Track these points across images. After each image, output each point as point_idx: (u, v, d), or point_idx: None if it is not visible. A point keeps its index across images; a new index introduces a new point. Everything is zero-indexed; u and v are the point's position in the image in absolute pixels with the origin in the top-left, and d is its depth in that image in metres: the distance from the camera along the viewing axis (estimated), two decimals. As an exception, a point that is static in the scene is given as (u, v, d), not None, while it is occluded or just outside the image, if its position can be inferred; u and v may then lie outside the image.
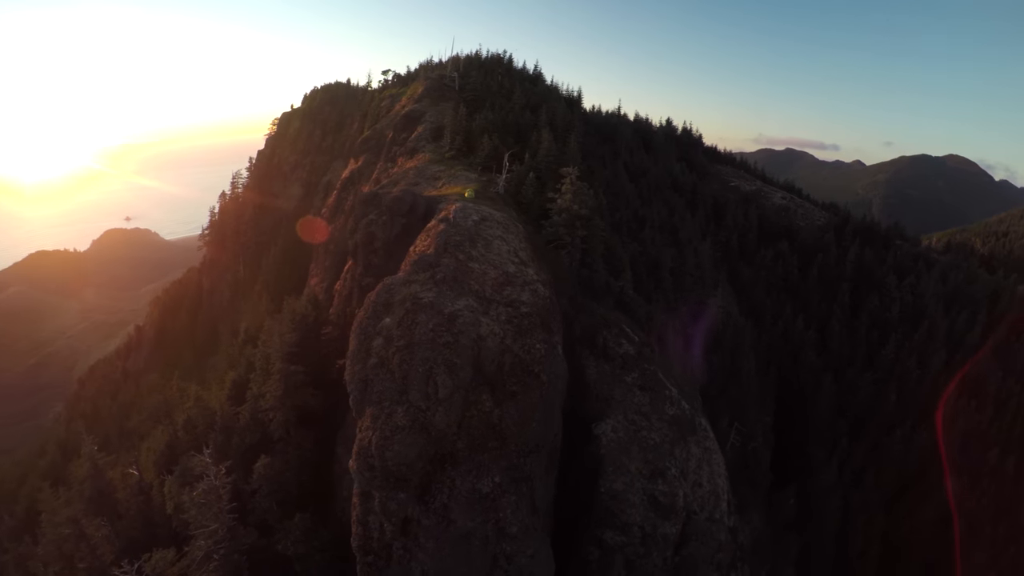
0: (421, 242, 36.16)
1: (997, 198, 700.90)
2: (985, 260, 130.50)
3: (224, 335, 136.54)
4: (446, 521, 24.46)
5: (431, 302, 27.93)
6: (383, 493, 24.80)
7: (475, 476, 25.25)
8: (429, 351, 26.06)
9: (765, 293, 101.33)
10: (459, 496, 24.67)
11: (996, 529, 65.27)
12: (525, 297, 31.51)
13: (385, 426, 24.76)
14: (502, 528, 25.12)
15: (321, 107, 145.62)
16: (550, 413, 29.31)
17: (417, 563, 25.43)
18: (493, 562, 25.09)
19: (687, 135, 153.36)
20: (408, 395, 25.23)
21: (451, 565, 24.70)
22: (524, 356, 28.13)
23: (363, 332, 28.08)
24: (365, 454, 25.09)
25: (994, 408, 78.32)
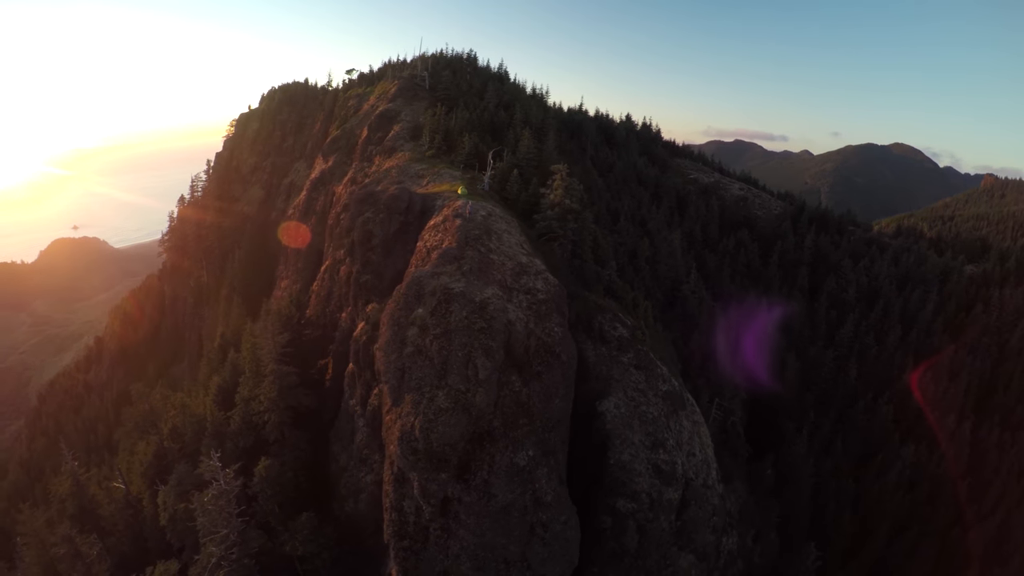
0: (431, 236, 37.51)
1: (942, 184, 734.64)
2: (934, 243, 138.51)
3: (190, 342, 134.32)
4: (487, 496, 26.07)
5: (462, 291, 29.43)
6: (424, 475, 26.17)
7: (512, 451, 26.99)
8: (466, 336, 27.58)
9: (730, 279, 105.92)
10: (499, 471, 26.35)
11: (958, 488, 70.53)
12: (539, 285, 33.41)
13: (428, 410, 26.15)
14: (538, 498, 26.96)
15: (280, 108, 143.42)
16: (568, 390, 31.28)
17: (456, 541, 26.95)
18: (531, 531, 26.91)
19: (646, 130, 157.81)
20: (448, 379, 26.71)
21: (491, 539, 26.38)
22: (546, 339, 30.00)
23: (396, 323, 29.29)
24: (408, 438, 26.38)
25: (947, 379, 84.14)
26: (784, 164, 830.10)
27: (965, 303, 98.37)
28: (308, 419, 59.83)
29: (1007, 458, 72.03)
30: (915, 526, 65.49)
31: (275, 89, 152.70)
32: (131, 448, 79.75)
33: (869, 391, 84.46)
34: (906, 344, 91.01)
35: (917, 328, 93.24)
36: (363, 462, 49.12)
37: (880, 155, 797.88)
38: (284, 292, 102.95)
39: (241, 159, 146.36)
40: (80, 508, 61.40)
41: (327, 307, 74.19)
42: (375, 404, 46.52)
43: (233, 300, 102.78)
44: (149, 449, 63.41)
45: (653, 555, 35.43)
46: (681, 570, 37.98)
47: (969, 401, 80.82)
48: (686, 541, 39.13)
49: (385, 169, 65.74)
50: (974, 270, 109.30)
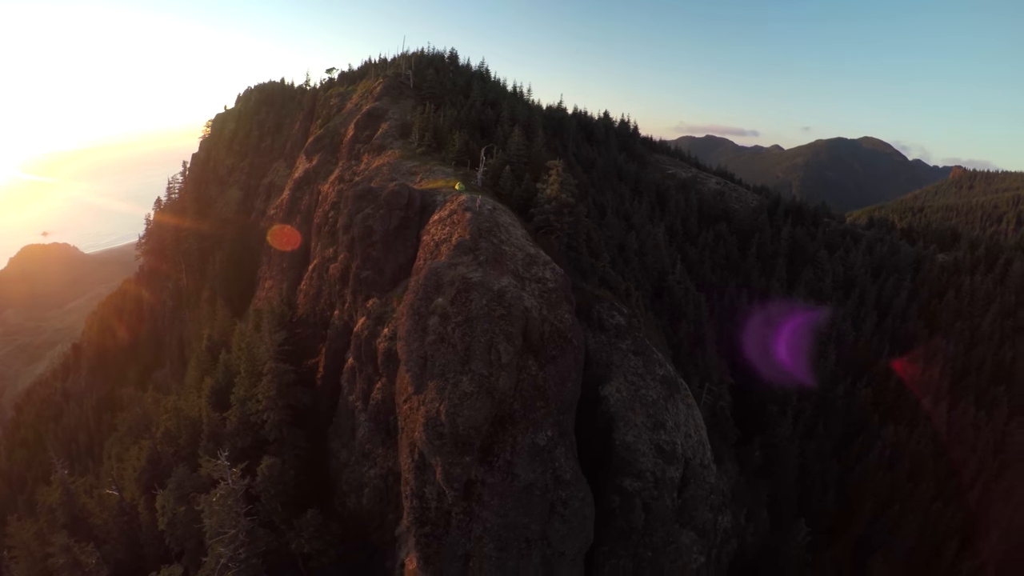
0: (438, 230, 38.26)
1: (911, 177, 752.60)
2: (906, 233, 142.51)
3: (171, 346, 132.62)
4: (510, 476, 27.08)
5: (480, 280, 30.34)
6: (448, 459, 27.05)
7: (532, 432, 28.07)
8: (487, 323, 28.55)
9: (710, 271, 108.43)
10: (521, 451, 27.41)
11: (938, 464, 73.55)
12: (548, 274, 34.58)
13: (453, 394, 27.06)
14: (558, 476, 28.10)
15: (257, 108, 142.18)
16: (579, 374, 32.48)
17: (479, 523, 27.86)
18: (551, 509, 28.05)
19: (624, 127, 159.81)
20: (471, 364, 27.64)
21: (513, 519, 27.42)
22: (558, 324, 31.16)
23: (416, 312, 30.02)
24: (434, 423, 27.22)
25: (923, 361, 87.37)
26: (755, 159, 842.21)
27: (938, 290, 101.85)
28: (308, 417, 60.21)
29: (983, 436, 75.05)
30: (898, 502, 68.01)
31: (252, 89, 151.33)
32: (119, 455, 78.94)
33: (848, 375, 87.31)
34: (882, 330, 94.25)
35: (892, 315, 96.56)
36: (366, 456, 49.61)
37: (850, 149, 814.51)
38: (269, 292, 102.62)
39: (218, 160, 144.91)
40: (72, 517, 60.50)
41: (316, 306, 74.38)
42: (378, 398, 47.23)
43: (216, 302, 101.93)
44: (142, 454, 62.60)
45: (659, 532, 36.84)
46: (683, 547, 39.48)
47: (944, 383, 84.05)
48: (687, 519, 40.66)
49: (376, 167, 66.21)
50: (945, 258, 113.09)
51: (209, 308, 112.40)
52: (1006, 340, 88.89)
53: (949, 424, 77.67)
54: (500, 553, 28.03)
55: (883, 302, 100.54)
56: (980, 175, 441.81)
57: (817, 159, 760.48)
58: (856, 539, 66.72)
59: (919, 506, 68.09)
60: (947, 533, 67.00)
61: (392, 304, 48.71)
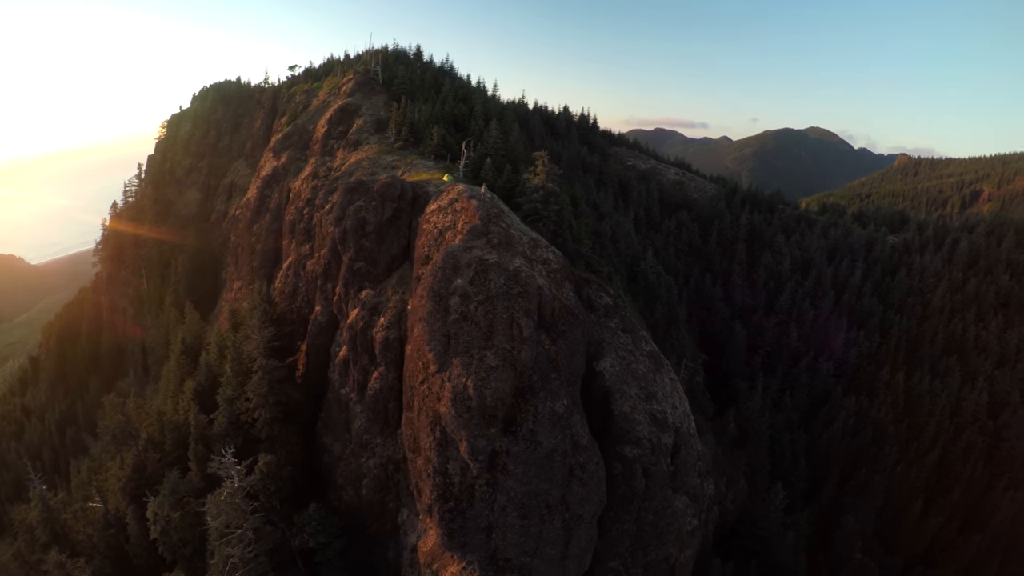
0: (439, 218, 39.35)
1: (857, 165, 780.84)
2: (857, 217, 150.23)
3: (134, 355, 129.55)
4: (534, 444, 28.75)
5: (496, 262, 31.87)
6: (474, 432, 28.48)
7: (551, 401, 29.84)
8: (507, 301, 30.08)
9: (675, 257, 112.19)
10: (543, 419, 29.13)
11: (899, 430, 78.57)
12: (551, 256, 36.42)
13: (479, 368, 28.56)
14: (576, 441, 29.93)
15: (214, 107, 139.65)
16: (584, 347, 34.30)
17: (503, 493, 29.38)
18: (570, 473, 29.87)
19: (584, 121, 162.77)
20: (494, 340, 29.15)
21: (536, 486, 29.15)
22: (565, 302, 33.02)
23: (436, 294, 31.21)
24: (461, 397, 28.60)
25: (879, 336, 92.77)
26: (704, 150, 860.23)
27: (890, 269, 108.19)
28: (299, 413, 60.34)
29: (939, 401, 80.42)
30: (864, 466, 72.62)
31: (208, 88, 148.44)
32: (96, 467, 77.11)
33: (810, 351, 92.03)
34: (840, 307, 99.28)
35: (848, 293, 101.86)
36: (364, 447, 50.31)
37: (797, 139, 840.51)
38: (238, 294, 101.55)
39: (175, 162, 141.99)
40: (53, 535, 59.12)
41: (293, 304, 74.26)
42: (376, 387, 48.05)
43: (186, 306, 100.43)
44: (126, 463, 61.44)
45: (657, 496, 39.07)
46: (678, 510, 41.84)
47: (900, 355, 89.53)
48: (679, 484, 43.05)
49: (355, 161, 66.75)
50: (895, 240, 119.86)
51: (176, 312, 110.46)
52: (956, 313, 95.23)
53: (907, 392, 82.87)
54: (523, 521, 29.67)
55: (839, 281, 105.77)
56: (925, 162, 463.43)
57: (765, 149, 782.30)
58: (828, 501, 71.02)
59: (884, 469, 72.86)
60: (912, 492, 71.91)
61: (387, 294, 49.59)
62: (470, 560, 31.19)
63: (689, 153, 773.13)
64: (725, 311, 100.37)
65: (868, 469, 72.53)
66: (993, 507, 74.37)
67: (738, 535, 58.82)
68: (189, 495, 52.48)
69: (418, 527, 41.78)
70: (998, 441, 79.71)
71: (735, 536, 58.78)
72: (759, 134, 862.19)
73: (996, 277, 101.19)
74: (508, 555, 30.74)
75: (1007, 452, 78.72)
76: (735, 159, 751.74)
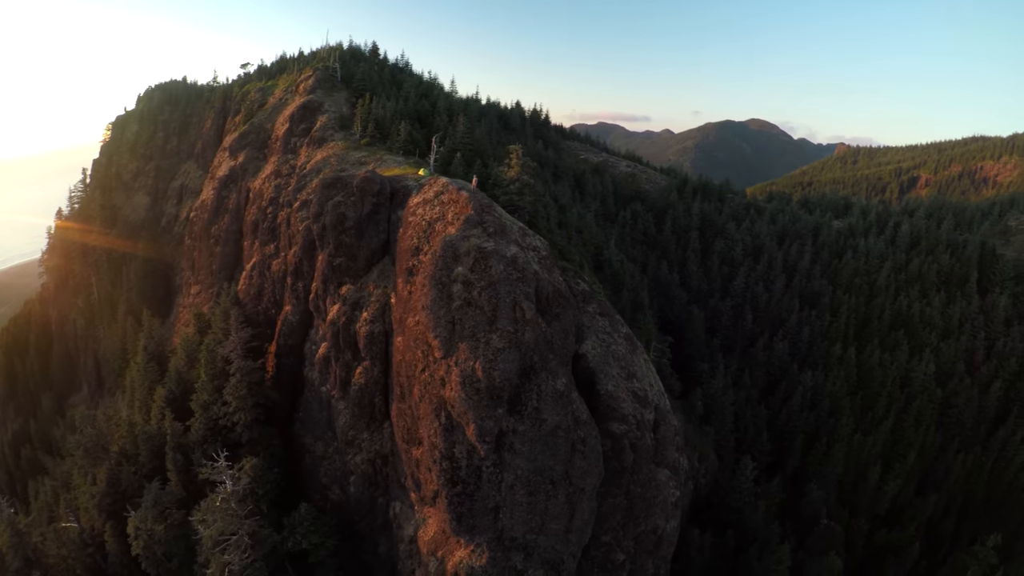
0: (426, 211, 39.86)
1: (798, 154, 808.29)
2: (803, 204, 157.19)
3: (87, 367, 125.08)
4: (539, 422, 30.03)
5: (495, 249, 32.88)
6: (482, 413, 29.56)
7: (552, 379, 31.18)
8: (508, 286, 31.21)
9: (632, 246, 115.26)
10: (546, 397, 30.46)
11: (853, 401, 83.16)
12: (539, 243, 37.77)
13: (486, 351, 29.64)
14: (577, 417, 31.38)
15: (160, 107, 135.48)
16: (574, 329, 35.71)
17: (510, 472, 30.54)
18: (572, 448, 31.32)
19: (536, 116, 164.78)
20: (498, 323, 30.24)
21: (542, 462, 30.44)
22: (558, 286, 34.44)
23: (438, 283, 32.01)
24: (470, 380, 29.63)
25: (830, 314, 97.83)
26: (647, 143, 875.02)
27: (837, 252, 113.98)
28: (278, 414, 59.87)
29: (889, 373, 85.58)
30: (823, 437, 76.81)
31: (153, 88, 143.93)
32: (61, 487, 74.07)
33: (765, 331, 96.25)
34: (791, 289, 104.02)
35: (799, 275, 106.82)
36: (349, 444, 50.49)
37: (738, 130, 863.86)
38: (197, 298, 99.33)
39: (121, 165, 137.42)
40: (25, 560, 56.98)
41: (259, 305, 73.38)
42: (361, 382, 48.44)
43: (144, 313, 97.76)
44: (100, 478, 59.70)
45: (643, 470, 40.93)
46: (661, 483, 43.84)
47: (850, 331, 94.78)
48: (661, 458, 45.08)
49: (322, 158, 66.48)
50: (841, 224, 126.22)
51: (132, 320, 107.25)
52: (901, 291, 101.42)
53: (859, 366, 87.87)
54: (530, 498, 30.97)
55: (789, 265, 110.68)
56: (863, 151, 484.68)
57: (707, 141, 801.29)
58: (792, 472, 74.88)
59: (842, 438, 77.19)
60: (870, 459, 76.36)
61: (368, 288, 49.85)
62: (478, 542, 32.31)
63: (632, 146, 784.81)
64: (683, 296, 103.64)
65: (827, 439, 76.76)
66: (947, 469, 79.87)
67: (712, 507, 61.66)
68: (172, 506, 51.39)
69: (415, 518, 42.56)
70: (947, 408, 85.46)
71: (709, 508, 61.59)
72: (701, 126, 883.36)
73: (937, 256, 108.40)
74: (515, 534, 31.99)
75: (956, 418, 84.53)
76: (677, 151, 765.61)
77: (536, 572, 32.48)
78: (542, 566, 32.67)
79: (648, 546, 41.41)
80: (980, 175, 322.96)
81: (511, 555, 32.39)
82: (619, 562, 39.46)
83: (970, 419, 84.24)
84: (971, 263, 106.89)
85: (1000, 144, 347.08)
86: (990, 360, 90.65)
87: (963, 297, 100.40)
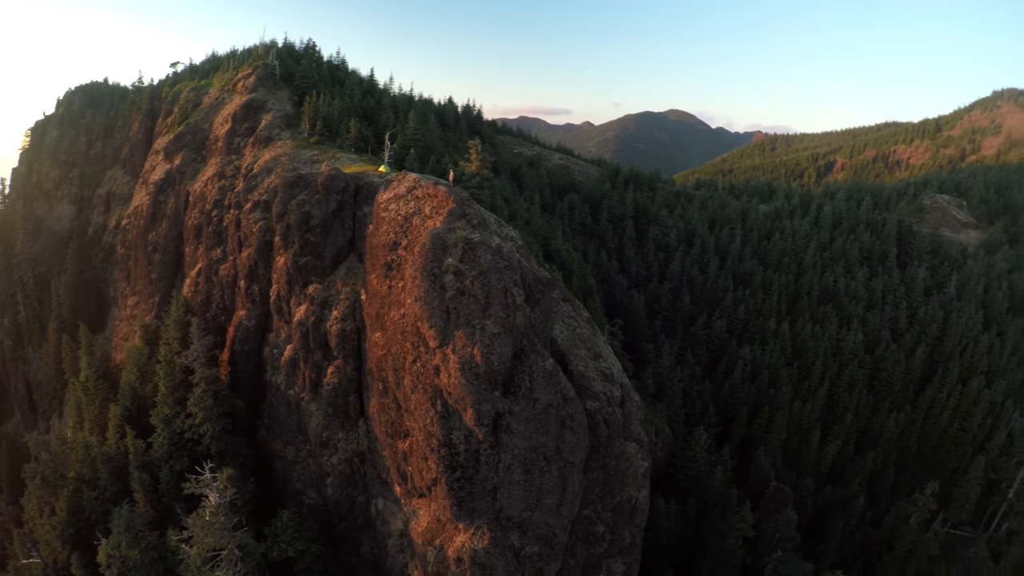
0: (401, 206, 40.23)
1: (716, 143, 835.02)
2: (729, 190, 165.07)
3: (17, 392, 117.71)
4: (532, 401, 31.71)
5: (481, 240, 34.12)
6: (479, 396, 30.98)
7: (541, 360, 32.96)
8: (497, 274, 32.56)
9: (572, 236, 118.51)
10: (538, 377, 32.20)
11: (790, 372, 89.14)
12: (514, 234, 39.52)
13: (483, 337, 31.01)
14: (565, 394, 33.37)
15: (82, 111, 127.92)
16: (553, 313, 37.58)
17: (507, 453, 32.11)
18: (562, 424, 33.28)
19: (468, 111, 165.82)
20: (490, 310, 31.58)
21: (536, 440, 32.18)
22: (537, 273, 36.19)
23: (430, 274, 32.94)
24: (469, 365, 30.91)
25: (763, 292, 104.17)
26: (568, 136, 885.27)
27: (765, 234, 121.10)
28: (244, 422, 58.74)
29: (821, 344, 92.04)
30: (766, 406, 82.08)
31: (74, 91, 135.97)
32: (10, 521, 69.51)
33: (703, 311, 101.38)
34: (725, 271, 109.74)
35: (731, 257, 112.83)
36: (324, 446, 50.58)
37: (657, 121, 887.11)
38: (135, 309, 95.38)
39: (42, 173, 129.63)
40: None
41: (207, 312, 71.57)
42: (334, 382, 48.57)
43: (81, 329, 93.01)
44: (59, 507, 57.19)
45: (616, 444, 43.42)
46: (630, 455, 46.48)
47: (782, 308, 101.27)
48: (628, 432, 47.74)
49: (271, 158, 65.56)
50: (767, 208, 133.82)
51: (67, 338, 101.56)
52: (826, 268, 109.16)
53: (793, 339, 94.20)
54: (526, 476, 32.67)
55: (721, 248, 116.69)
56: (781, 138, 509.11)
57: (627, 132, 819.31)
58: (739, 440, 79.88)
59: (783, 406, 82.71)
60: (810, 423, 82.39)
61: (336, 287, 50.05)
62: (478, 525, 33.79)
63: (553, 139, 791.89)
64: (623, 282, 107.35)
65: (769, 408, 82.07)
66: (881, 427, 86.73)
67: (671, 477, 65.22)
68: (144, 528, 49.76)
69: (402, 512, 43.29)
70: (876, 372, 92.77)
71: (669, 479, 65.12)
72: (620, 118, 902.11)
73: (859, 235, 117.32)
74: (511, 512, 33.67)
75: (885, 380, 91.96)
76: (598, 143, 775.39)
77: (532, 548, 34.40)
78: (537, 542, 34.58)
79: (624, 516, 43.98)
80: (893, 158, 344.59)
81: (508, 534, 34.07)
82: (599, 533, 41.79)
83: (898, 381, 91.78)
84: (890, 240, 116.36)
85: (911, 129, 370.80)
86: (913, 327, 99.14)
87: (884, 271, 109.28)
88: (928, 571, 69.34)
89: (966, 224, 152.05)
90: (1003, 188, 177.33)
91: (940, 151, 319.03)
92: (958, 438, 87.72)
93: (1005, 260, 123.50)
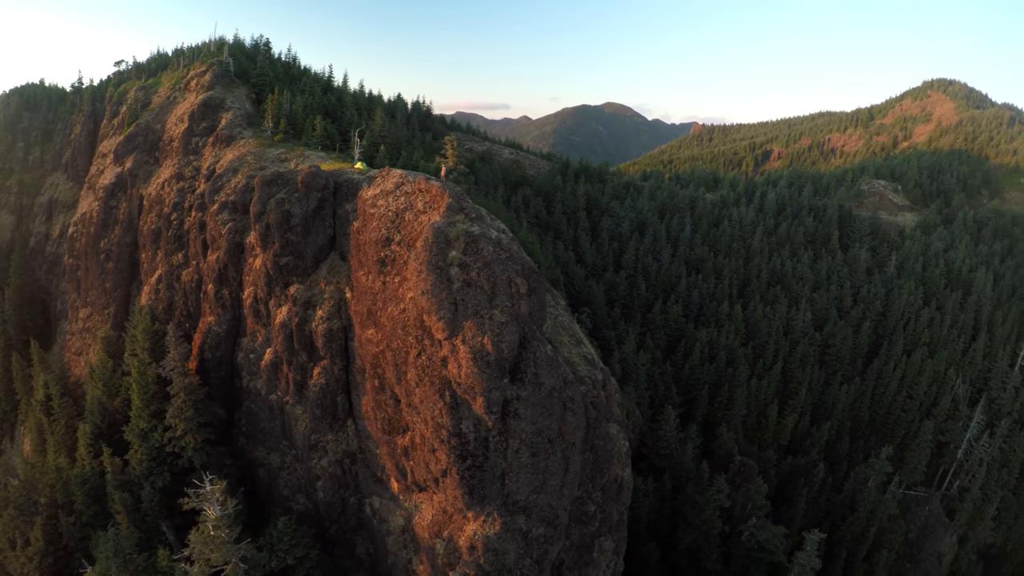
0: (390, 202, 40.82)
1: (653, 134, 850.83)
2: (675, 180, 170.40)
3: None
4: (538, 386, 33.17)
5: (481, 233, 35.19)
6: (489, 384, 32.16)
7: (542, 345, 34.51)
8: (501, 265, 33.75)
9: (529, 229, 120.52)
10: (541, 362, 33.70)
11: (745, 351, 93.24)
12: (504, 227, 40.71)
13: (492, 325, 32.20)
14: (565, 378, 35.03)
15: (19, 115, 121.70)
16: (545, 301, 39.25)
17: (515, 438, 33.43)
18: (564, 407, 34.98)
19: (417, 108, 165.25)
20: (496, 299, 32.79)
21: (541, 424, 33.69)
22: (530, 264, 37.60)
23: (436, 267, 33.73)
24: (481, 354, 31.99)
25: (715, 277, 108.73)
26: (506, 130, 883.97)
27: (713, 221, 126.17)
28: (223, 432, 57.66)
29: (773, 324, 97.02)
30: (725, 385, 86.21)
31: (8, 93, 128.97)
32: None
33: (659, 297, 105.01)
34: (677, 258, 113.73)
35: (682, 245, 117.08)
36: (313, 448, 50.39)
37: (594, 114, 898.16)
38: (88, 322, 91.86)
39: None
40: None
41: (170, 319, 69.68)
42: (321, 383, 48.35)
43: (31, 345, 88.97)
44: (35, 536, 55.45)
45: (602, 425, 45.66)
46: (613, 435, 48.86)
47: (727, 290, 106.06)
48: (609, 414, 50.13)
49: (235, 157, 64.45)
50: (713, 197, 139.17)
51: (17, 356, 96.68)
52: (773, 252, 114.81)
53: (746, 320, 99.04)
54: (533, 459, 34.10)
55: (672, 236, 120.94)
56: (718, 128, 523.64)
57: (564, 126, 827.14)
58: (702, 419, 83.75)
59: (741, 384, 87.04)
60: (767, 399, 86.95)
61: (319, 286, 49.81)
62: (488, 511, 35.01)
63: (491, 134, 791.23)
64: (580, 273, 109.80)
65: (728, 386, 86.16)
66: (834, 399, 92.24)
67: (644, 457, 68.20)
68: (133, 551, 48.42)
69: (402, 508, 43.71)
70: (826, 348, 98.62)
71: (642, 458, 68.07)
72: (558, 112, 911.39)
73: (802, 220, 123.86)
74: (519, 496, 35.05)
75: (835, 355, 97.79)
76: (536, 137, 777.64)
77: (538, 530, 35.95)
78: (541, 523, 36.16)
79: (612, 494, 46.06)
80: (828, 147, 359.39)
81: (516, 518, 35.51)
82: (591, 513, 43.64)
83: (847, 355, 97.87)
84: (832, 224, 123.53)
85: (845, 118, 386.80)
86: (857, 305, 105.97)
87: (828, 253, 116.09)
88: (889, 529, 74.80)
89: (902, 207, 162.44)
90: (935, 173, 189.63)
91: (873, 139, 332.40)
92: (906, 405, 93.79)
93: (940, 240, 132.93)
